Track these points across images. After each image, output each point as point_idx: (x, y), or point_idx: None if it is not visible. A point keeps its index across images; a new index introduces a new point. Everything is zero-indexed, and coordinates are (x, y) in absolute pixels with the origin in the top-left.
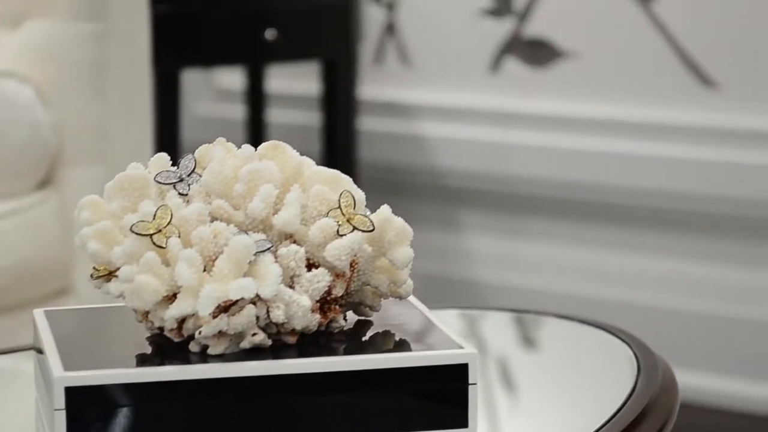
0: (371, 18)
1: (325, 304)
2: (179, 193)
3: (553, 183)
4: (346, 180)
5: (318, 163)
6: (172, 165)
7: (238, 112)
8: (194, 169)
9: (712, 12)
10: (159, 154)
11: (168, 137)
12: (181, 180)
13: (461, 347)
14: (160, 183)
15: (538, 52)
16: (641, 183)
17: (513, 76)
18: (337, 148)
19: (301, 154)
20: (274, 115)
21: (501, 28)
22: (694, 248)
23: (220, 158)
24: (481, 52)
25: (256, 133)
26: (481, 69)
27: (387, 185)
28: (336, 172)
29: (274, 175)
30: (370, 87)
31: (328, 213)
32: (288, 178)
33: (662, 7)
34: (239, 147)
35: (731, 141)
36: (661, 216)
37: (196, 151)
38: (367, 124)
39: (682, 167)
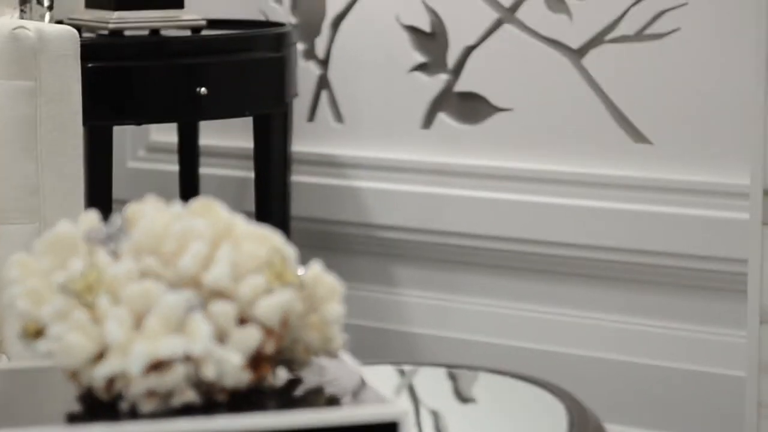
0: (305, 73)
1: (256, 361)
2: (109, 251)
3: (486, 236)
4: (276, 237)
5: (251, 218)
6: (103, 222)
7: (171, 166)
8: (124, 226)
9: (641, 69)
10: (89, 211)
11: (100, 193)
12: (111, 238)
13: (392, 404)
14: (89, 241)
15: (470, 107)
16: (574, 236)
17: (446, 131)
18: (271, 202)
19: (235, 209)
20: (208, 169)
21: (433, 84)
22: (627, 301)
23: (151, 216)
24: (414, 108)
25: (189, 187)
26: (414, 124)
27: (321, 239)
28: (267, 229)
29: (204, 232)
30: (303, 142)
31: (258, 270)
32: (218, 236)
33: (593, 63)
34: (173, 201)
35: (663, 195)
36: (594, 268)
37: (127, 208)
38: (300, 178)
39: (614, 220)
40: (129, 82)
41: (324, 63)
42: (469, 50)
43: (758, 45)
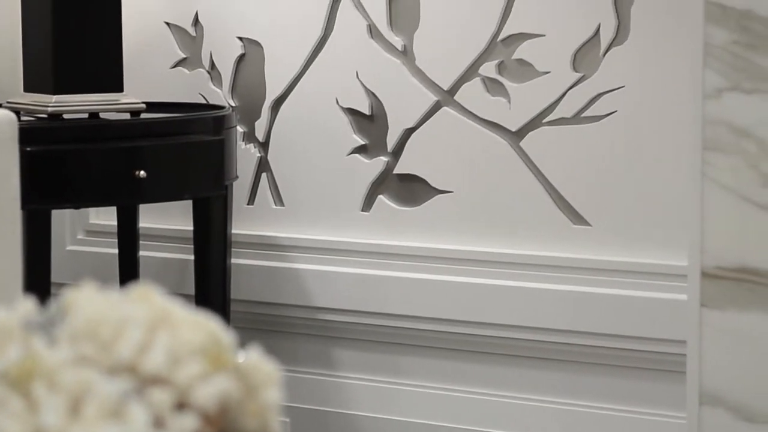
0: (245, 156)
1: None
2: (46, 338)
3: (427, 318)
4: (214, 323)
5: (191, 300)
6: (40, 308)
7: (111, 249)
8: (61, 312)
9: (580, 151)
10: (25, 297)
11: (39, 277)
12: (47, 324)
13: None
14: (25, 328)
15: (410, 190)
16: (514, 318)
17: (386, 213)
18: (211, 285)
19: (175, 291)
20: (148, 252)
21: (373, 166)
22: (568, 382)
23: (87, 302)
24: (354, 190)
25: (129, 270)
26: (354, 206)
27: (261, 321)
28: (205, 315)
29: (141, 319)
30: (243, 224)
31: (196, 357)
32: (155, 322)
33: (532, 146)
34: (112, 284)
35: (601, 276)
36: (534, 350)
37: (64, 294)
38: (240, 261)
39: (554, 302)
40: (68, 166)
41: (264, 145)
42: (408, 132)
43: (694, 127)
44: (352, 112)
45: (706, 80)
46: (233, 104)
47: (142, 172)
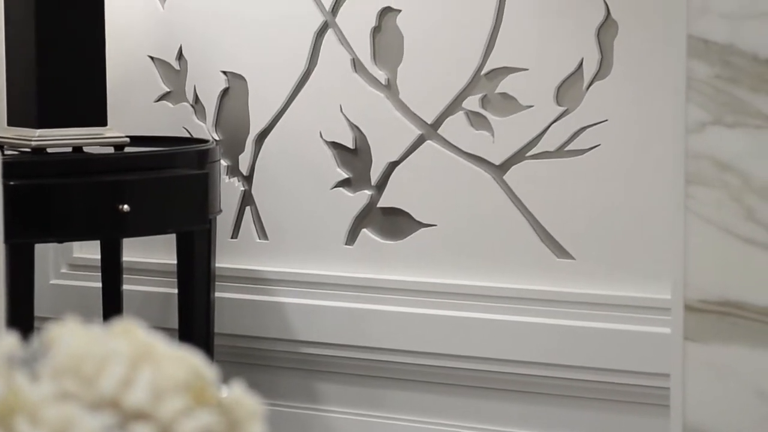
0: (228, 190)
1: None
2: (28, 373)
3: (411, 352)
4: (197, 358)
5: (175, 334)
6: (23, 343)
7: (94, 283)
8: (44, 347)
9: (563, 184)
10: (7, 332)
11: (22, 311)
12: (30, 359)
13: None
14: (7, 363)
15: (394, 223)
16: (498, 351)
17: (369, 246)
18: (194, 319)
19: (158, 325)
20: (131, 286)
21: (357, 200)
22: (551, 415)
23: (70, 337)
24: (338, 224)
25: (112, 304)
26: (338, 240)
27: (245, 355)
28: (188, 350)
29: (124, 354)
30: (227, 258)
31: (178, 392)
32: (138, 357)
33: (515, 179)
34: (96, 318)
35: (585, 310)
36: (518, 383)
37: (48, 328)
38: (224, 294)
39: (537, 335)
40: (51, 200)
41: (248, 179)
42: (392, 166)
43: (677, 161)
44: (335, 146)
45: (689, 114)
46: (217, 138)
47: (125, 206)
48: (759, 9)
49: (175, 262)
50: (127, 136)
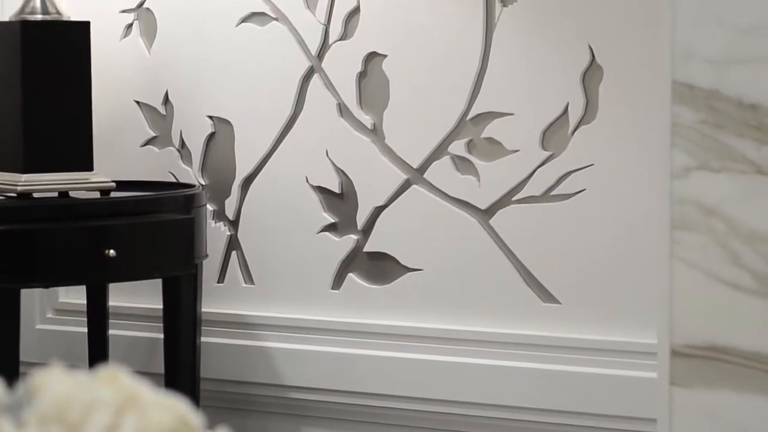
0: (215, 234)
1: None
2: (13, 420)
3: (397, 397)
4: (183, 405)
5: (161, 380)
6: (8, 389)
7: (80, 327)
8: (29, 394)
9: (549, 229)
10: None
11: (7, 356)
12: (15, 406)
13: None
14: None
15: (380, 268)
16: (484, 396)
17: (356, 291)
18: (181, 363)
19: (144, 370)
20: (117, 331)
21: (343, 244)
22: None
23: (55, 384)
24: (324, 268)
25: (98, 349)
26: (324, 285)
27: (232, 400)
28: (173, 396)
29: (109, 401)
30: (213, 303)
31: None
32: (123, 404)
33: (501, 224)
34: (81, 364)
35: (571, 354)
36: (504, 428)
37: (33, 374)
38: (210, 339)
39: (524, 380)
40: (37, 245)
41: (234, 224)
42: (378, 211)
43: (662, 206)
44: (321, 191)
45: (675, 159)
46: (203, 183)
47: (111, 251)
48: (743, 54)
49: (161, 306)
50: (113, 181)
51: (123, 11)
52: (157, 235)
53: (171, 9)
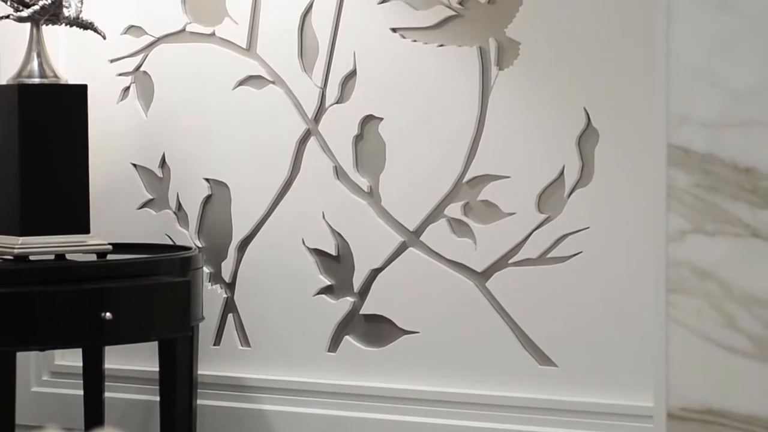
0: (211, 297)
1: None
2: None
3: None
4: None
5: None
6: None
7: (76, 390)
8: None
9: (545, 292)
10: None
11: (3, 419)
12: None
13: None
14: None
15: (376, 330)
16: None
17: (352, 353)
18: (176, 426)
19: None
20: (113, 394)
21: (339, 307)
22: None
23: None
24: (320, 331)
25: (94, 411)
26: (321, 347)
27: None
28: None
29: None
30: (209, 365)
31: None
32: None
33: (498, 286)
34: (77, 427)
35: (568, 417)
36: None
37: None
38: (207, 402)
39: None
40: (33, 308)
41: (230, 286)
42: (374, 273)
43: (658, 269)
44: (318, 253)
45: (670, 222)
46: (200, 245)
47: (108, 314)
48: (738, 118)
49: (158, 369)
50: (109, 244)
51: (120, 74)
52: (154, 297)
53: (168, 72)
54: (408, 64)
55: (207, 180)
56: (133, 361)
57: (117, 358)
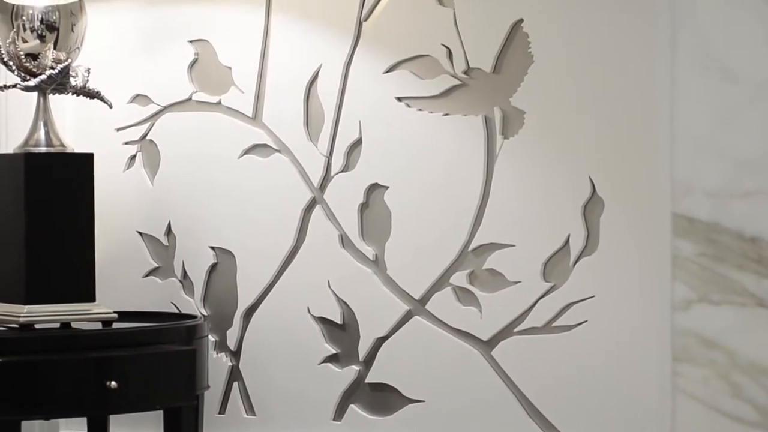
0: (216, 365)
1: None
2: None
3: None
4: None
5: None
6: None
7: None
8: None
9: (550, 360)
10: None
11: None
12: None
13: None
14: None
15: (382, 399)
16: None
17: (357, 422)
18: None
19: None
20: None
21: (345, 375)
22: None
23: None
24: (326, 399)
25: None
26: (326, 416)
27: None
28: None
29: None
30: None
31: None
32: None
33: (503, 355)
34: None
35: None
36: None
37: None
38: None
39: None
40: (38, 376)
41: (235, 354)
42: (380, 341)
43: (663, 338)
44: (323, 321)
45: (675, 291)
46: (205, 313)
47: (113, 383)
48: (742, 188)
49: None
50: (115, 312)
51: (126, 143)
52: (159, 366)
53: (173, 141)
54: (413, 132)
55: (213, 248)
56: (138, 430)
57: (122, 427)
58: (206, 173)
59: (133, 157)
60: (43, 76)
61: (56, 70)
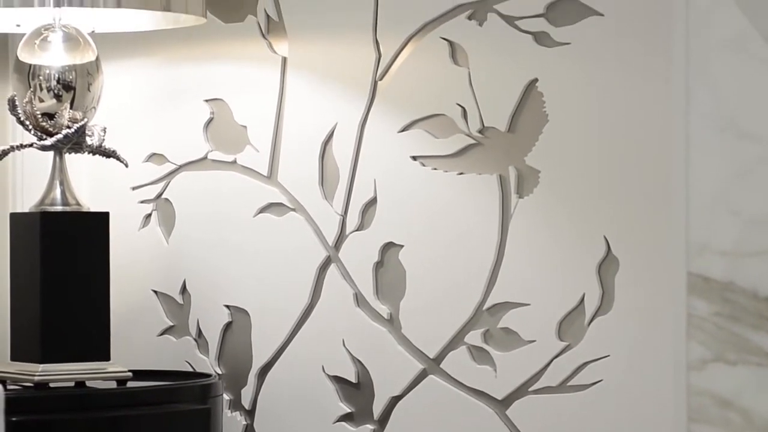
0: (231, 424)
1: None
2: None
3: None
4: None
5: None
6: None
7: None
8: None
9: (566, 420)
10: None
11: None
12: None
13: None
14: None
15: None
16: None
17: None
18: None
19: None
20: None
21: None
22: None
23: None
24: None
25: None
26: None
27: None
28: None
29: None
30: None
31: None
32: None
33: (518, 414)
34: None
35: None
36: None
37: None
38: None
39: None
40: None
41: (250, 413)
42: (394, 401)
43: (678, 398)
44: (338, 380)
45: (691, 351)
46: (220, 372)
47: None
48: (757, 247)
49: None
50: (129, 371)
51: (142, 201)
52: (174, 425)
53: (189, 199)
54: (428, 191)
55: (227, 307)
56: None
57: None
58: (221, 232)
59: (149, 215)
60: (60, 136)
61: (72, 130)
